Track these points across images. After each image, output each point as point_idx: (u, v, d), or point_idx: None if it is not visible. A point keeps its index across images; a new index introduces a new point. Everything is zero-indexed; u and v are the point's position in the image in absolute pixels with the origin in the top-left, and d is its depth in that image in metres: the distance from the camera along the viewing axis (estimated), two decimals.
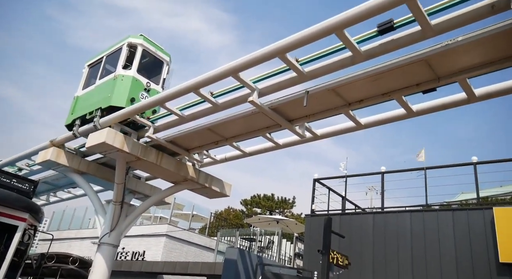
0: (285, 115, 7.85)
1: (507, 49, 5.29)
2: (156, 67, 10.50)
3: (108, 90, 9.67)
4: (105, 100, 9.54)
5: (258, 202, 41.46)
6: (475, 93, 6.23)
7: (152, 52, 10.33)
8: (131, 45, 10.00)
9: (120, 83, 9.55)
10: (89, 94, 10.62)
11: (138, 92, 9.70)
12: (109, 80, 9.97)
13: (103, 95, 9.77)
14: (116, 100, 9.34)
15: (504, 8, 4.70)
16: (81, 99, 10.89)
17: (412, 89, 6.46)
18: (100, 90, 10.13)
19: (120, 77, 9.65)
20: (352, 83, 6.63)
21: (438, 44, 5.56)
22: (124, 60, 9.85)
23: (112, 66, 10.35)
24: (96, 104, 9.77)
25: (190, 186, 10.95)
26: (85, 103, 10.44)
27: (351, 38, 5.74)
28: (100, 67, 10.72)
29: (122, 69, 9.74)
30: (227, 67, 6.82)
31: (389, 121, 7.74)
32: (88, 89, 10.86)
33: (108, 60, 10.70)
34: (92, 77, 11.15)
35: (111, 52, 10.63)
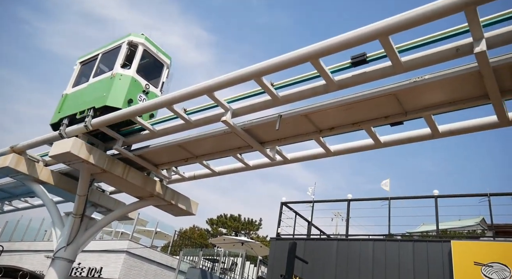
0: (257, 137, 7.90)
1: (469, 90, 5.60)
2: (156, 69, 9.97)
3: (104, 89, 9.00)
4: (100, 99, 8.86)
5: (224, 222, 40.92)
6: (438, 130, 6.51)
7: (153, 53, 9.80)
8: (132, 43, 9.37)
9: (118, 82, 8.93)
10: (80, 92, 9.79)
11: (136, 94, 9.10)
12: (105, 78, 9.31)
13: (97, 94, 9.09)
14: (112, 100, 8.69)
15: (468, 52, 5.00)
16: (71, 97, 10.07)
17: (381, 121, 6.68)
18: (94, 89, 9.37)
19: (118, 76, 9.01)
20: (324, 110, 6.79)
21: (407, 80, 5.82)
22: (123, 58, 9.21)
23: (109, 65, 9.69)
24: (89, 103, 9.04)
25: (156, 202, 10.69)
26: (75, 102, 9.65)
27: (326, 67, 5.93)
28: (94, 65, 10.02)
29: (120, 68, 9.13)
30: (202, 86, 6.85)
31: (357, 150, 7.92)
32: (79, 87, 10.07)
33: (104, 57, 10.01)
34: (84, 75, 10.42)
35: (108, 50, 9.93)
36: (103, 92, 8.90)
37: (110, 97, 8.70)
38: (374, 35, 5.04)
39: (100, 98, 8.87)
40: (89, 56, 10.51)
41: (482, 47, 4.68)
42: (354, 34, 5.21)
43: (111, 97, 8.71)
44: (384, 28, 4.93)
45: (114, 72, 9.12)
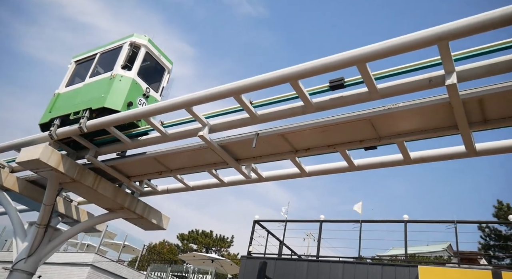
0: (233, 154, 7.89)
1: (440, 120, 5.81)
2: (157, 73, 9.66)
3: (102, 90, 8.60)
4: (97, 100, 8.44)
5: (195, 238, 40.18)
6: (410, 156, 6.69)
7: (155, 56, 9.48)
8: (134, 44, 9.03)
9: (118, 84, 8.54)
10: (75, 92, 9.33)
11: (136, 97, 8.72)
12: (103, 79, 8.93)
13: (94, 94, 8.68)
14: (111, 102, 8.27)
15: (440, 84, 5.20)
16: (64, 97, 9.58)
17: (356, 145, 6.81)
18: (91, 89, 8.95)
19: (118, 77, 8.62)
20: (301, 131, 6.87)
21: (382, 107, 5.99)
22: (124, 59, 8.84)
23: (107, 65, 9.30)
24: (85, 104, 8.60)
25: (126, 215, 10.40)
26: (69, 102, 9.20)
27: (304, 89, 6.03)
28: (91, 65, 9.62)
29: (121, 69, 8.76)
30: (181, 100, 6.82)
31: (331, 172, 8.02)
32: (73, 87, 9.60)
33: (103, 57, 9.58)
34: (80, 75, 10.00)
35: (107, 50, 9.58)
36: (101, 93, 8.48)
37: (109, 98, 8.29)
38: (352, 61, 5.19)
39: (98, 99, 8.44)
40: (86, 55, 10.08)
41: (453, 80, 4.90)
42: (334, 59, 5.35)
43: (110, 98, 8.29)
44: (362, 55, 5.08)
45: (114, 73, 8.74)
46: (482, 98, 5.26)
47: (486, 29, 4.33)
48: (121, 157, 9.18)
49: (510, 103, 5.26)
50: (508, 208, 23.62)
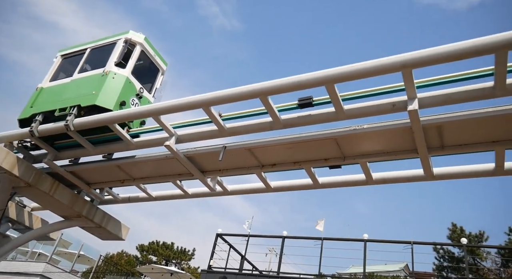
0: (199, 166, 7.81)
1: (401, 143, 6.03)
2: (151, 73, 9.27)
3: (92, 86, 8.12)
4: (87, 97, 7.96)
5: (155, 250, 39.06)
6: (372, 177, 6.88)
7: (150, 55, 9.09)
8: (130, 42, 8.62)
9: (111, 81, 8.08)
10: (61, 88, 8.82)
11: (129, 96, 8.27)
12: (94, 75, 8.47)
13: (83, 91, 8.20)
14: (102, 100, 7.78)
15: (402, 109, 5.42)
16: (48, 91, 9.01)
17: (321, 163, 6.92)
18: (80, 86, 8.47)
19: (111, 74, 8.17)
20: (268, 147, 6.91)
21: (348, 127, 6.15)
22: (118, 56, 8.39)
23: (98, 61, 8.80)
24: (73, 101, 8.08)
25: (83, 224, 9.98)
26: (54, 97, 8.69)
27: (274, 105, 6.11)
28: (80, 60, 9.13)
29: (114, 66, 8.31)
30: (149, 108, 6.73)
31: (296, 189, 8.09)
32: (59, 82, 9.05)
33: (93, 53, 9.13)
34: (66, 69, 9.47)
35: (99, 45, 9.12)
36: (91, 90, 8.01)
37: (101, 96, 7.82)
38: (321, 82, 5.33)
39: (88, 96, 7.97)
40: (74, 49, 9.59)
41: (415, 106, 5.12)
42: (303, 78, 5.47)
43: (101, 96, 7.82)
44: (330, 76, 5.23)
45: (107, 69, 8.29)
46: (440, 125, 5.51)
47: (447, 60, 4.59)
48: (75, 164, 8.85)
49: (466, 131, 5.55)
50: (461, 231, 24.65)
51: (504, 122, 5.20)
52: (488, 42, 4.29)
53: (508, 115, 5.03)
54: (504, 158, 5.77)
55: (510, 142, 5.44)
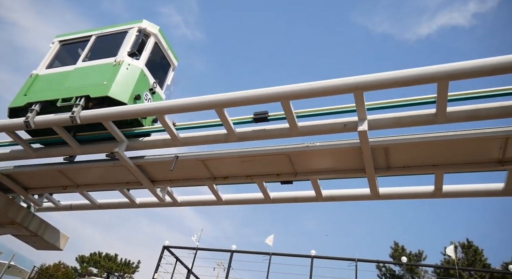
0: (149, 175, 7.57)
1: (350, 162, 6.23)
2: (162, 69, 8.61)
3: (103, 76, 7.40)
4: (97, 88, 7.20)
5: (97, 261, 37.05)
6: (322, 194, 7.03)
7: (163, 49, 8.42)
8: (144, 32, 7.95)
9: (125, 72, 7.36)
10: (61, 76, 7.99)
11: (143, 90, 7.58)
12: (104, 65, 7.72)
13: (92, 81, 7.44)
14: (116, 92, 7.02)
15: (353, 129, 5.61)
16: (45, 79, 8.15)
17: (273, 178, 6.97)
18: (87, 75, 7.69)
19: (124, 64, 7.44)
20: (221, 159, 6.86)
21: (300, 144, 6.27)
22: (132, 46, 7.71)
23: (106, 50, 8.10)
24: (79, 91, 7.28)
25: (16, 231, 9.26)
26: (53, 86, 7.85)
27: (229, 118, 6.10)
28: (84, 47, 8.33)
29: (127, 56, 7.59)
30: (99, 112, 6.45)
31: (247, 202, 8.08)
32: (58, 69, 8.23)
33: (100, 41, 8.36)
34: (65, 57, 8.66)
35: (107, 33, 8.35)
36: (102, 80, 7.29)
37: (114, 87, 7.07)
38: (277, 98, 5.42)
39: (98, 86, 7.23)
40: (75, 36, 8.77)
41: (364, 127, 5.33)
42: (260, 92, 5.54)
43: (114, 87, 7.07)
44: (286, 93, 5.33)
45: (119, 59, 7.56)
46: (387, 146, 5.77)
47: (395, 85, 4.85)
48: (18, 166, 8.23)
49: (409, 154, 5.85)
50: (402, 249, 25.79)
51: (443, 148, 5.55)
52: (431, 71, 4.60)
53: (446, 141, 5.37)
54: (443, 182, 6.13)
55: (448, 167, 5.80)
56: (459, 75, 4.51)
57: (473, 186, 6.29)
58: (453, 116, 5.11)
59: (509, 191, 5.97)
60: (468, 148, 5.51)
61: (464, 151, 5.56)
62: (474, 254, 24.13)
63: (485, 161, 5.61)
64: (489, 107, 4.99)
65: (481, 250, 24.44)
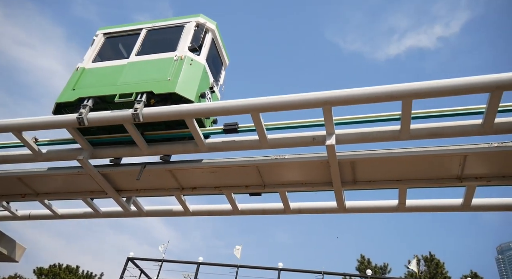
0: (115, 184, 7.36)
1: (318, 176, 6.31)
2: (216, 67, 8.08)
3: (165, 72, 6.88)
4: (161, 84, 6.69)
5: (56, 274, 35.33)
6: (290, 206, 7.06)
7: (218, 47, 8.00)
8: (203, 27, 7.49)
9: (188, 68, 6.88)
10: (113, 70, 7.42)
11: (205, 89, 7.13)
12: (164, 59, 7.21)
13: (153, 76, 6.92)
14: (183, 89, 6.51)
15: (321, 143, 5.69)
16: (94, 73, 7.55)
17: (241, 189, 6.95)
18: (145, 70, 7.17)
19: (187, 60, 6.95)
20: (190, 169, 6.79)
21: (270, 156, 6.30)
22: (193, 41, 7.21)
23: (161, 44, 7.64)
24: (140, 86, 6.75)
25: None
26: (105, 81, 7.27)
27: (199, 128, 6.06)
28: (135, 41, 7.79)
29: (189, 52, 7.09)
30: (62, 118, 6.27)
31: (215, 214, 7.99)
32: (108, 64, 7.67)
33: (152, 35, 7.85)
34: (112, 50, 8.10)
35: (160, 27, 7.84)
36: (165, 76, 6.79)
37: (180, 84, 6.57)
38: (247, 110, 5.46)
39: (162, 82, 6.73)
40: (121, 29, 8.21)
41: (332, 141, 5.43)
42: (230, 104, 5.58)
43: (180, 84, 6.57)
44: (256, 105, 5.38)
45: (181, 54, 7.07)
46: (354, 161, 5.90)
47: (363, 102, 5.00)
48: None
49: (376, 169, 6.00)
50: (368, 262, 26.22)
51: (406, 163, 5.73)
52: (396, 89, 4.77)
53: (409, 157, 5.57)
54: (406, 196, 6.31)
55: (411, 182, 5.99)
56: (422, 94, 4.71)
57: (434, 201, 6.52)
58: (416, 133, 5.30)
59: (467, 206, 6.22)
60: (429, 164, 5.72)
61: (426, 167, 5.77)
62: (436, 267, 24.87)
63: (445, 177, 5.84)
64: (449, 125, 5.21)
65: (443, 263, 25.25)
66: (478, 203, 6.27)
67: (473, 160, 5.50)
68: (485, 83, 4.54)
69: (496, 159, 5.46)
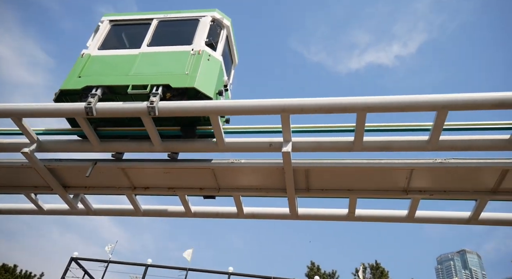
0: (62, 180, 7.02)
1: (273, 182, 6.38)
2: (227, 65, 7.75)
3: (182, 65, 6.55)
4: (178, 77, 6.33)
5: None
6: (243, 211, 7.07)
7: (231, 44, 7.76)
8: (219, 23, 7.24)
9: (206, 64, 6.57)
10: (123, 60, 6.97)
11: (220, 86, 6.88)
12: (180, 52, 6.85)
13: (169, 69, 6.55)
14: (202, 84, 6.19)
15: (278, 149, 5.75)
16: (102, 61, 6.97)
17: (196, 191, 6.87)
18: (159, 61, 6.80)
19: (205, 55, 6.64)
20: (144, 168, 6.62)
21: (226, 160, 6.29)
22: (207, 35, 6.94)
23: (174, 36, 7.33)
24: (156, 78, 6.37)
25: None
26: (116, 70, 6.78)
27: (155, 127, 5.94)
28: (145, 31, 7.30)
29: (206, 46, 6.79)
30: (6, 107, 5.91)
31: (167, 215, 7.82)
32: (117, 52, 7.11)
33: (164, 26, 7.46)
34: (118, 38, 7.59)
35: (173, 19, 7.48)
36: (182, 69, 6.47)
37: (199, 79, 6.24)
38: (205, 112, 5.47)
39: (180, 76, 6.40)
40: (129, 17, 7.73)
41: (288, 148, 5.52)
42: (189, 104, 5.57)
43: (199, 79, 6.25)
44: (215, 108, 5.40)
45: (198, 48, 6.75)
46: (308, 169, 6.03)
47: (318, 112, 5.13)
48: None
49: (329, 177, 6.17)
50: (318, 269, 26.81)
51: (357, 174, 5.95)
52: (351, 102, 4.96)
53: (360, 168, 5.78)
54: (355, 206, 6.53)
55: (361, 192, 6.22)
56: (374, 108, 4.92)
57: (381, 212, 6.80)
58: (368, 146, 5.52)
59: (411, 218, 6.55)
60: (379, 176, 5.97)
61: (375, 179, 6.01)
62: (380, 275, 25.89)
63: (392, 189, 6.12)
64: (399, 140, 5.48)
65: (387, 271, 26.34)
66: (421, 215, 6.61)
67: (419, 174, 5.81)
68: (432, 102, 4.83)
69: (439, 175, 5.80)
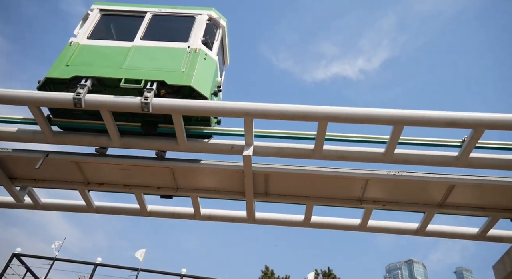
0: (8, 171, 6.64)
1: (233, 185, 6.38)
2: (220, 66, 7.55)
3: (178, 62, 6.28)
4: (174, 74, 6.07)
5: None
6: (200, 212, 7.01)
7: (225, 45, 7.63)
8: (216, 22, 7.08)
9: (203, 63, 6.38)
10: (115, 51, 6.59)
11: (214, 86, 6.69)
12: (176, 49, 6.56)
13: (165, 65, 6.28)
14: (198, 83, 5.98)
15: (239, 152, 5.76)
16: (92, 51, 6.61)
17: (153, 190, 6.73)
18: (154, 56, 6.48)
19: (201, 54, 6.43)
20: (99, 164, 6.40)
21: (187, 160, 6.22)
22: (203, 34, 6.73)
23: (169, 32, 7.06)
24: (150, 74, 6.06)
25: None
26: (107, 62, 6.42)
27: (114, 122, 5.78)
28: (138, 24, 7.01)
29: (203, 45, 6.57)
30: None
31: (122, 213, 7.60)
32: (108, 43, 6.76)
33: (158, 20, 7.16)
34: (109, 29, 7.21)
35: (168, 13, 7.19)
36: (178, 67, 6.23)
37: (196, 79, 6.04)
38: (168, 110, 5.41)
39: (176, 73, 6.16)
40: (121, 8, 7.40)
41: (250, 152, 5.56)
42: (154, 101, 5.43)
43: (197, 79, 6.05)
44: (177, 107, 5.35)
45: (194, 46, 6.54)
46: (268, 173, 6.09)
47: (281, 118, 5.23)
48: None
49: (287, 183, 6.27)
50: (272, 274, 26.97)
51: (315, 182, 6.08)
52: (313, 111, 5.08)
53: (318, 175, 5.92)
54: (312, 212, 6.66)
55: (318, 199, 6.36)
56: (336, 118, 5.06)
57: (335, 220, 6.99)
58: (327, 154, 5.66)
59: (364, 227, 6.77)
60: (336, 185, 6.14)
61: (332, 187, 6.18)
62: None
63: (348, 198, 6.31)
64: (356, 151, 5.66)
65: (339, 278, 26.95)
66: (373, 225, 6.85)
67: (373, 185, 6.03)
68: (390, 117, 5.04)
69: (392, 186, 6.06)
